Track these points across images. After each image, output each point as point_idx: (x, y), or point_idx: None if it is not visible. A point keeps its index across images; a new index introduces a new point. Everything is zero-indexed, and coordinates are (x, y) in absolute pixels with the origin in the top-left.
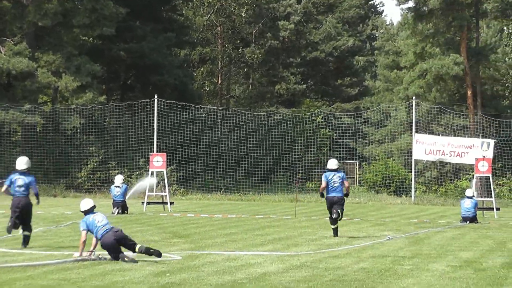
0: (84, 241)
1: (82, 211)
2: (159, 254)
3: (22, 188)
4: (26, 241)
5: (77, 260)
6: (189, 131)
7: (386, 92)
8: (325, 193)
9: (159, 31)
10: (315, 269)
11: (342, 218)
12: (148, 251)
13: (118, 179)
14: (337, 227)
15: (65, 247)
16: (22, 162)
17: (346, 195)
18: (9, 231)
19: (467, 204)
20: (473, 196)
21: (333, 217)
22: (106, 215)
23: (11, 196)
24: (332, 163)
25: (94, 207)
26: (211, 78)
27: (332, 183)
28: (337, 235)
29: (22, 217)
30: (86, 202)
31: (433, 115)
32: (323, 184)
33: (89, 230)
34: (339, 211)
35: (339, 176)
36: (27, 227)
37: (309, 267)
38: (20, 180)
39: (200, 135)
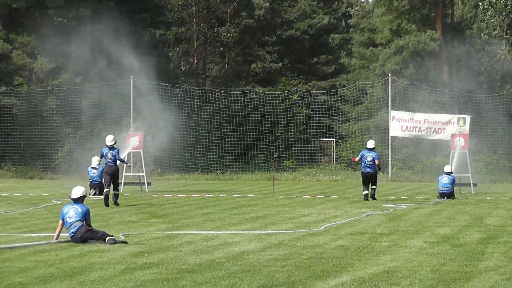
0: (60, 229)
1: (71, 199)
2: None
3: (111, 159)
4: (116, 197)
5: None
6: (165, 111)
7: (362, 69)
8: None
9: (134, 11)
10: (293, 247)
11: (374, 195)
12: (115, 242)
13: (95, 160)
14: (368, 195)
15: (42, 229)
16: (109, 139)
17: (379, 168)
18: (106, 204)
19: (444, 180)
20: (451, 172)
21: (370, 194)
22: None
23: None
24: (370, 143)
25: (83, 197)
26: (186, 58)
27: (366, 161)
28: (367, 199)
29: (112, 180)
30: (75, 191)
31: (409, 91)
32: (357, 158)
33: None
34: (374, 187)
35: (372, 156)
36: (116, 188)
37: (287, 245)
38: (109, 153)
39: (176, 115)
